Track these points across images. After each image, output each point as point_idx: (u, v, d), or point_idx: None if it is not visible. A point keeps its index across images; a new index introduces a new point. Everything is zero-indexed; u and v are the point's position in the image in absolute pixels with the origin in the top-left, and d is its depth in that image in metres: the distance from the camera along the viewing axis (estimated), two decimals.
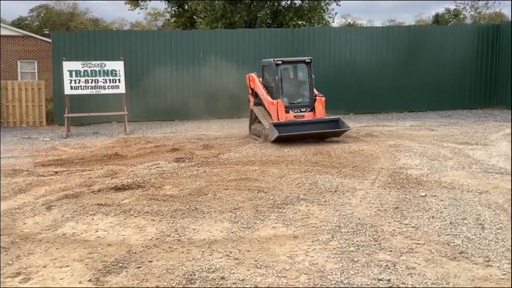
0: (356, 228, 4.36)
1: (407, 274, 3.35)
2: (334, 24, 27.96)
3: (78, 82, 13.04)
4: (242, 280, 3.31)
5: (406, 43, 17.51)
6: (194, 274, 3.40)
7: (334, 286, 3.21)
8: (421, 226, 4.38)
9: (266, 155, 8.38)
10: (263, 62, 11.36)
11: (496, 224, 4.40)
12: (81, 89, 13.13)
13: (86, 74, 13.05)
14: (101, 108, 14.53)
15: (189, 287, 3.24)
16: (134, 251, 3.89)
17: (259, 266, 3.54)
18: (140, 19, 51.75)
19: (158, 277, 3.39)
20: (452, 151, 8.30)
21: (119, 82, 13.30)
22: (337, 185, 6.03)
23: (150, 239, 4.19)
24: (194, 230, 4.42)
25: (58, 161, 8.40)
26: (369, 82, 17.22)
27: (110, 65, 13.30)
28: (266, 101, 10.69)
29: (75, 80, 13.01)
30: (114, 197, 5.73)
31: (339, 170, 6.97)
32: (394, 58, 17.41)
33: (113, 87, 13.29)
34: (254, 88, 11.36)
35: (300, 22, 23.93)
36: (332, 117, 10.59)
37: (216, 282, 3.28)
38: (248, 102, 12.19)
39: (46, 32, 30.15)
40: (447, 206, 5.02)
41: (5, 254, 3.90)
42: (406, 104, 17.33)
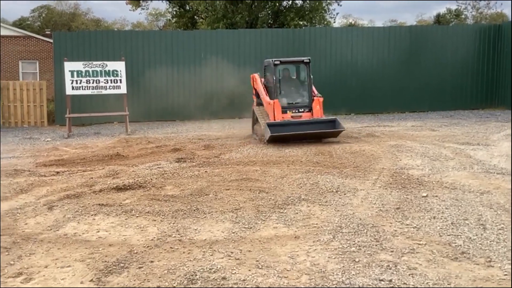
0: (357, 228, 4.35)
1: (409, 275, 3.34)
2: (335, 24, 27.95)
3: (80, 83, 13.06)
4: (243, 280, 3.31)
5: (408, 43, 17.49)
6: (196, 274, 3.40)
7: (336, 287, 3.20)
8: (422, 227, 4.38)
9: (268, 156, 8.38)
10: (265, 62, 11.38)
11: (497, 224, 4.39)
12: (82, 89, 13.14)
13: (87, 74, 13.07)
14: (102, 108, 14.54)
15: (190, 287, 3.24)
16: (135, 251, 3.89)
17: (260, 267, 3.54)
18: (141, 20, 51.78)
19: (159, 277, 3.39)
20: (453, 152, 8.29)
21: (121, 82, 13.31)
22: (338, 185, 6.03)
23: (152, 239, 4.20)
24: (195, 230, 4.42)
25: (59, 161, 8.41)
26: (370, 82, 17.21)
27: (111, 65, 13.32)
28: (264, 101, 10.72)
29: (77, 80, 13.03)
30: (115, 197, 5.74)
31: (341, 170, 6.97)
32: (396, 58, 17.40)
33: (114, 88, 13.31)
34: (256, 88, 11.40)
35: (301, 22, 23.93)
36: (328, 117, 10.50)
37: (217, 283, 3.28)
38: (251, 102, 12.21)
39: (47, 32, 30.18)
40: (449, 206, 5.01)
41: (6, 254, 3.91)
42: (408, 104, 17.31)
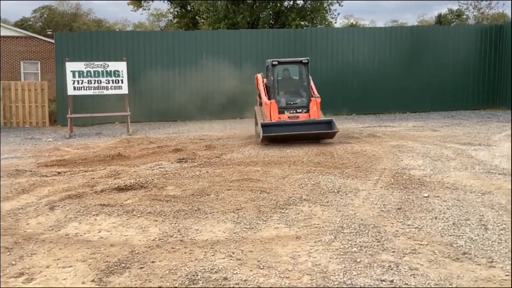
0: (358, 228, 4.35)
1: (410, 275, 3.34)
2: (336, 24, 27.97)
3: (81, 83, 13.08)
4: (245, 280, 3.31)
5: (409, 44, 17.49)
6: (197, 275, 3.40)
7: (337, 287, 3.20)
8: (424, 227, 4.37)
9: (269, 156, 8.38)
10: (266, 62, 11.40)
11: (499, 225, 4.38)
12: (84, 89, 13.16)
13: (89, 74, 13.09)
14: (104, 108, 14.56)
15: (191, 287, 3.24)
16: (137, 252, 3.89)
17: (262, 267, 3.54)
18: (143, 20, 51.90)
19: (161, 277, 3.39)
20: (455, 152, 8.28)
21: (122, 82, 13.33)
22: (339, 185, 6.03)
23: (153, 240, 4.20)
24: (197, 230, 4.42)
25: (61, 161, 8.42)
26: (371, 82, 17.21)
27: (113, 65, 13.33)
28: (262, 101, 10.74)
29: (78, 80, 13.05)
30: (117, 197, 5.74)
31: (342, 170, 6.96)
32: (397, 58, 17.39)
33: (116, 88, 13.32)
34: (258, 88, 11.43)
35: (302, 23, 23.93)
36: (325, 118, 10.37)
37: (219, 283, 3.28)
38: (253, 102, 12.24)
39: (49, 32, 30.26)
40: (450, 206, 5.01)
41: (8, 254, 3.91)
42: (409, 104, 17.31)
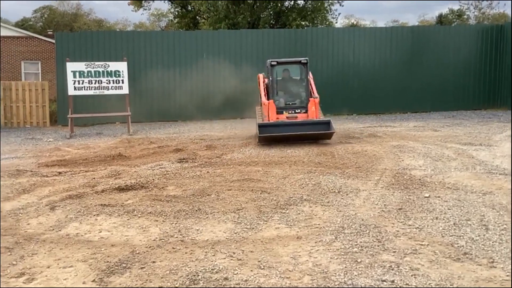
0: (359, 229, 4.34)
1: (411, 275, 3.34)
2: (337, 24, 27.98)
3: (82, 83, 13.09)
4: (246, 280, 3.31)
5: (410, 44, 17.49)
6: (198, 275, 3.40)
7: (338, 287, 3.20)
8: (424, 227, 4.37)
9: (270, 156, 8.38)
10: (266, 62, 11.40)
11: (500, 225, 4.37)
12: (84, 89, 13.17)
13: (89, 74, 13.10)
14: (104, 108, 14.58)
15: None
16: (137, 252, 3.89)
17: (263, 267, 3.54)
18: (143, 20, 51.97)
19: (161, 277, 3.39)
20: (456, 152, 8.27)
21: (123, 82, 13.33)
22: (340, 185, 6.02)
23: (154, 240, 4.19)
24: (198, 230, 4.42)
25: (61, 161, 8.42)
26: (372, 82, 17.21)
27: (113, 65, 13.34)
28: (262, 101, 10.75)
29: (79, 80, 13.06)
30: (117, 197, 5.74)
31: (343, 170, 6.96)
32: (398, 58, 17.39)
33: (116, 88, 13.33)
34: (259, 88, 11.44)
35: (303, 23, 23.95)
36: (322, 119, 10.26)
37: (219, 283, 3.27)
38: (253, 102, 12.25)
39: (49, 33, 30.28)
40: (451, 207, 5.00)
41: (9, 254, 3.91)
42: (410, 104, 17.30)
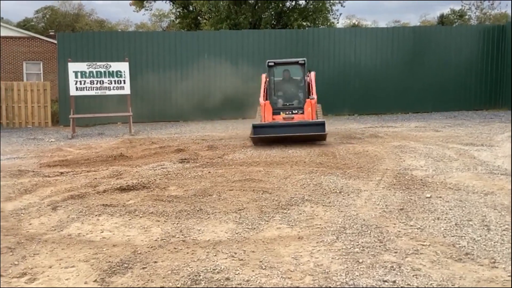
0: (361, 229, 4.34)
1: (413, 276, 3.33)
2: (338, 25, 27.98)
3: (84, 83, 13.11)
4: (247, 281, 3.31)
5: (411, 44, 17.48)
6: (199, 275, 3.40)
7: (339, 287, 3.20)
8: (426, 228, 4.37)
9: (271, 156, 8.38)
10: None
11: (501, 225, 4.37)
12: (86, 90, 13.19)
13: (91, 75, 13.12)
14: (106, 109, 14.61)
15: None
16: (139, 252, 3.89)
17: (264, 267, 3.54)
18: (145, 20, 52.05)
19: (163, 277, 3.40)
20: (457, 152, 8.27)
21: (124, 83, 13.35)
22: (341, 186, 6.02)
23: (155, 240, 4.20)
24: (199, 231, 4.42)
25: (63, 162, 8.44)
26: (373, 83, 17.21)
27: (115, 66, 13.36)
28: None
29: (81, 81, 13.09)
30: (119, 197, 5.75)
31: (344, 171, 6.96)
32: (399, 59, 17.39)
33: (118, 88, 13.35)
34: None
35: (304, 23, 23.95)
36: (317, 120, 10.15)
37: (221, 283, 3.28)
38: (255, 103, 12.23)
39: (51, 33, 30.32)
40: (453, 207, 5.00)
41: (11, 254, 3.92)
42: (411, 105, 17.30)
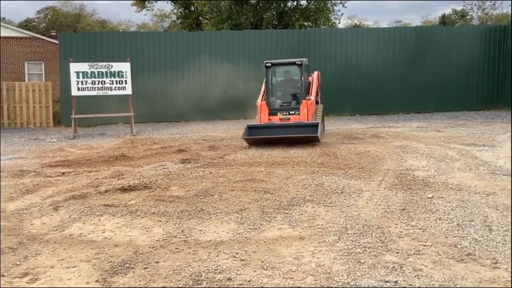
0: (362, 229, 4.34)
1: (414, 276, 3.33)
2: (340, 25, 27.96)
3: (85, 84, 13.13)
4: (249, 281, 3.31)
5: (413, 44, 17.46)
6: (201, 275, 3.40)
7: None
8: (428, 228, 4.36)
9: (272, 156, 8.38)
10: None
11: (503, 226, 4.36)
12: (88, 90, 13.21)
13: (93, 75, 13.13)
14: (107, 109, 14.61)
15: None
16: (141, 252, 3.90)
17: (266, 267, 3.54)
18: (146, 21, 52.07)
19: (165, 277, 3.40)
20: (459, 153, 8.26)
21: (126, 83, 13.36)
22: (343, 186, 6.02)
23: (157, 240, 4.20)
24: (201, 231, 4.42)
25: (65, 162, 8.45)
26: (375, 83, 17.20)
27: (116, 66, 13.38)
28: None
29: (82, 81, 13.10)
30: (120, 198, 5.75)
31: (345, 171, 6.95)
32: (401, 59, 17.37)
33: (119, 88, 13.37)
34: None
35: (306, 23, 23.96)
36: (310, 121, 10.05)
37: (222, 283, 3.28)
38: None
39: (53, 33, 30.34)
40: (454, 207, 4.99)
41: (12, 254, 3.93)
42: (413, 105, 17.28)
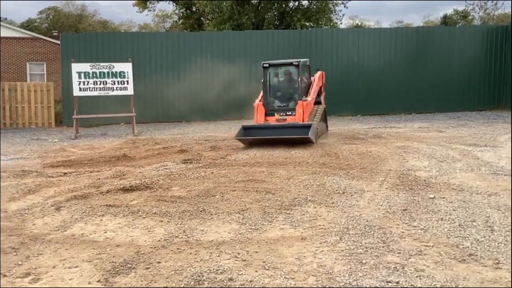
0: (364, 230, 4.34)
1: (416, 277, 3.33)
2: (341, 25, 27.93)
3: (87, 84, 13.14)
4: (250, 281, 3.31)
5: (414, 45, 17.44)
6: (202, 275, 3.40)
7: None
8: (429, 228, 4.36)
9: (274, 157, 8.38)
10: None
11: (505, 226, 4.36)
12: (89, 90, 13.23)
13: (94, 75, 13.15)
14: (109, 109, 14.62)
15: None
16: (142, 252, 3.90)
17: (267, 268, 3.54)
18: (148, 21, 52.08)
19: (166, 278, 3.40)
20: (460, 153, 8.25)
21: (127, 83, 13.38)
22: (345, 186, 6.02)
23: (159, 240, 4.20)
24: (202, 231, 4.43)
25: (67, 162, 8.46)
26: (377, 83, 17.18)
27: (118, 66, 13.39)
28: None
29: (84, 81, 13.12)
30: (122, 198, 5.76)
31: (347, 171, 6.95)
32: (402, 59, 17.35)
33: (121, 89, 13.38)
34: None
35: (307, 24, 23.94)
36: (305, 123, 9.98)
37: (224, 284, 3.28)
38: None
39: (55, 34, 30.39)
40: (456, 208, 4.99)
41: (14, 254, 3.93)
42: (414, 105, 17.26)
